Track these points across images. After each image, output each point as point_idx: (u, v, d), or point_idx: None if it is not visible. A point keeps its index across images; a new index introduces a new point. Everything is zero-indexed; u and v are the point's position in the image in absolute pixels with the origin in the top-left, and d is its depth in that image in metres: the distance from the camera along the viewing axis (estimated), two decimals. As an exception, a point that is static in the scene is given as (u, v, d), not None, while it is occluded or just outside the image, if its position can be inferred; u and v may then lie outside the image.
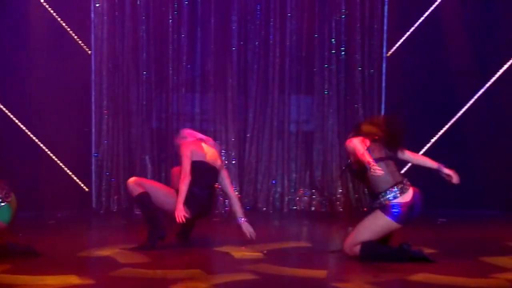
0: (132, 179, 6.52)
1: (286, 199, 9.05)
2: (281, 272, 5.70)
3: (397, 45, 9.22)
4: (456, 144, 9.07)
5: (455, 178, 5.94)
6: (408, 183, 5.94)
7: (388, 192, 5.85)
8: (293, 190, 9.09)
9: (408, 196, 5.88)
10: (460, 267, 5.81)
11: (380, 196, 5.87)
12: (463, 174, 8.96)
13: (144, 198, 6.42)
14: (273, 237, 7.33)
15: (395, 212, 5.84)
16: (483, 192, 8.99)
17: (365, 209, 8.90)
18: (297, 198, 9.08)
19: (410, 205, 5.87)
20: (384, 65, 9.19)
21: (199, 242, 6.85)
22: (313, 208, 9.06)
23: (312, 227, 8.24)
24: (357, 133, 6.07)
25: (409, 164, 8.13)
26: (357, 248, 5.96)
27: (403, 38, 9.20)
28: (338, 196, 9.03)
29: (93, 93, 8.90)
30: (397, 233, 6.14)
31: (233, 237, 7.20)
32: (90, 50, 8.91)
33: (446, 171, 5.98)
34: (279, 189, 9.06)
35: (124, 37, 8.78)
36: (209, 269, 5.96)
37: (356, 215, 8.64)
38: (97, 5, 8.84)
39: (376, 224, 5.91)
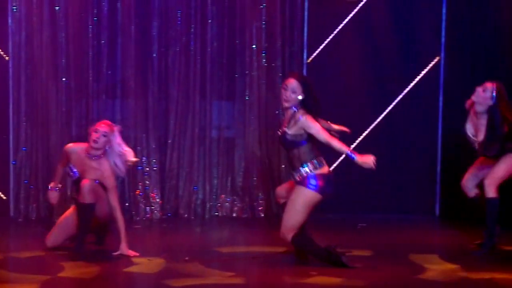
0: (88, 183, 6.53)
1: (208, 205, 9.12)
2: (204, 279, 5.76)
3: (317, 51, 9.39)
4: (374, 151, 9.24)
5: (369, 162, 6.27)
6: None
7: (308, 164, 6.20)
8: (214, 196, 9.15)
9: (325, 169, 6.26)
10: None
11: (301, 167, 6.20)
12: (381, 180, 9.24)
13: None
14: (195, 244, 7.48)
15: (313, 183, 6.19)
16: (402, 196, 9.22)
17: None
18: (219, 204, 9.16)
19: (327, 178, 6.23)
20: (304, 71, 9.35)
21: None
22: (234, 214, 9.14)
23: (234, 233, 8.37)
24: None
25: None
26: (290, 236, 6.21)
27: (323, 44, 9.38)
28: (260, 201, 9.16)
29: (11, 99, 8.80)
30: (320, 236, 6.32)
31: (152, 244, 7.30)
32: (7, 56, 8.82)
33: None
34: (200, 196, 9.11)
35: (43, 43, 8.69)
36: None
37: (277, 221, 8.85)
38: (15, 9, 8.75)
39: (300, 203, 6.23)
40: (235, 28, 9.09)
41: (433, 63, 9.34)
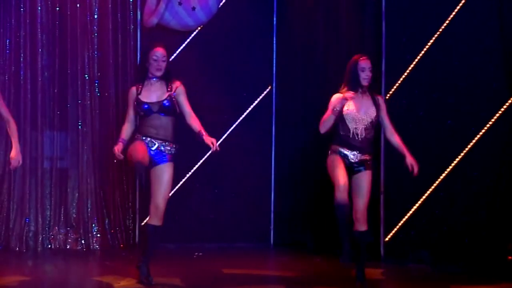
0: None
1: (41, 237, 9.21)
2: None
3: None
4: (210, 179, 9.62)
5: None
6: None
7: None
8: (47, 228, 9.25)
9: None
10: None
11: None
12: (217, 208, 9.58)
13: None
14: (26, 278, 7.54)
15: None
16: (237, 225, 9.56)
17: (121, 245, 9.35)
18: (52, 236, 9.26)
19: None
20: None
21: None
22: (68, 246, 9.27)
23: (67, 265, 8.50)
24: None
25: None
26: None
27: None
28: (94, 233, 9.31)
29: None
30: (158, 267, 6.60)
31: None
32: None
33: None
34: (32, 228, 9.19)
35: None
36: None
37: (112, 252, 9.14)
38: None
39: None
40: (66, 57, 9.32)
41: (265, 92, 9.77)
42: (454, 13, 8.18)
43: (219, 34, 9.59)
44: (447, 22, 8.23)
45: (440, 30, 8.27)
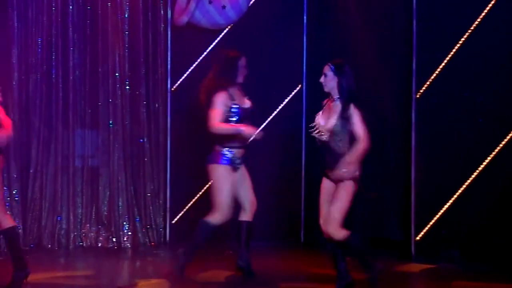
0: None
1: (72, 235, 9.37)
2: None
3: (181, 79, 9.86)
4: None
5: None
6: None
7: None
8: (79, 226, 9.41)
9: None
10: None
11: None
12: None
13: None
14: (59, 274, 7.79)
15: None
16: (268, 224, 9.63)
17: (152, 243, 9.52)
18: (84, 234, 9.42)
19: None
20: (169, 99, 9.79)
21: None
22: (100, 244, 9.43)
23: (99, 263, 8.64)
24: None
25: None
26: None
27: (187, 72, 9.85)
28: (125, 231, 9.45)
29: None
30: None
31: None
32: None
33: None
34: (64, 225, 9.35)
35: None
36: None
37: (143, 250, 9.32)
38: None
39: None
40: (97, 55, 9.47)
41: (295, 90, 9.86)
42: (485, 11, 8.21)
43: (249, 33, 9.68)
44: (478, 20, 8.26)
45: (471, 28, 8.30)
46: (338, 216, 6.57)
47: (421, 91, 8.58)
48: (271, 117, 9.85)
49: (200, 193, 9.68)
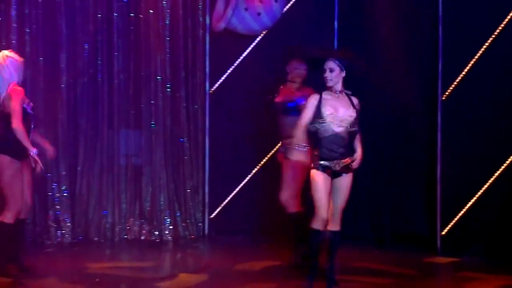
0: None
1: (117, 228, 9.70)
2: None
3: (219, 82, 10.17)
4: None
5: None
6: None
7: None
8: (123, 220, 9.73)
9: None
10: None
11: None
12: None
13: None
14: (105, 265, 8.14)
15: None
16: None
17: (192, 236, 9.85)
18: (128, 228, 9.74)
19: None
20: (207, 101, 10.12)
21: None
22: (143, 237, 9.75)
23: (142, 255, 8.97)
24: None
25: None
26: None
27: (225, 75, 10.15)
28: (166, 224, 9.78)
29: None
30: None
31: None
32: None
33: None
34: (110, 219, 9.68)
35: None
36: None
37: (184, 243, 9.63)
38: None
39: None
40: (140, 60, 9.79)
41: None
42: (509, 16, 8.41)
43: (283, 38, 9.77)
44: (502, 25, 8.45)
45: (495, 33, 8.49)
46: (345, 206, 6.70)
47: (447, 93, 8.78)
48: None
49: (237, 189, 10.04)
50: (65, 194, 9.46)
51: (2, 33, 9.21)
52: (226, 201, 10.11)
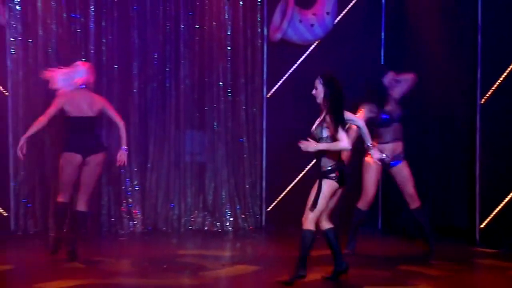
0: None
1: (183, 220, 10.34)
2: (178, 282, 7.17)
3: (275, 87, 10.74)
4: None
5: None
6: None
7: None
8: (189, 212, 10.37)
9: None
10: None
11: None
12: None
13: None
14: (172, 254, 8.66)
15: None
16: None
17: (250, 227, 10.41)
18: (192, 219, 10.39)
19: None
20: (264, 105, 10.69)
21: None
22: (206, 228, 10.40)
23: (205, 244, 9.51)
24: None
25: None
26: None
27: (281, 81, 10.70)
28: (227, 217, 10.39)
29: (10, 130, 9.81)
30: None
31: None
32: (7, 92, 9.86)
33: None
34: (176, 212, 10.31)
35: (38, 81, 9.31)
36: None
37: (243, 234, 10.24)
38: (12, 52, 9.79)
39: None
40: (204, 67, 10.42)
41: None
42: None
43: (334, 47, 10.34)
44: None
45: None
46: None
47: (485, 97, 9.14)
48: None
49: (291, 185, 10.59)
50: (136, 189, 10.11)
51: (81, 44, 9.90)
52: (282, 195, 10.63)
